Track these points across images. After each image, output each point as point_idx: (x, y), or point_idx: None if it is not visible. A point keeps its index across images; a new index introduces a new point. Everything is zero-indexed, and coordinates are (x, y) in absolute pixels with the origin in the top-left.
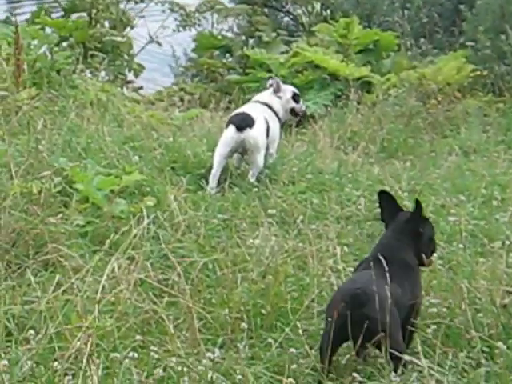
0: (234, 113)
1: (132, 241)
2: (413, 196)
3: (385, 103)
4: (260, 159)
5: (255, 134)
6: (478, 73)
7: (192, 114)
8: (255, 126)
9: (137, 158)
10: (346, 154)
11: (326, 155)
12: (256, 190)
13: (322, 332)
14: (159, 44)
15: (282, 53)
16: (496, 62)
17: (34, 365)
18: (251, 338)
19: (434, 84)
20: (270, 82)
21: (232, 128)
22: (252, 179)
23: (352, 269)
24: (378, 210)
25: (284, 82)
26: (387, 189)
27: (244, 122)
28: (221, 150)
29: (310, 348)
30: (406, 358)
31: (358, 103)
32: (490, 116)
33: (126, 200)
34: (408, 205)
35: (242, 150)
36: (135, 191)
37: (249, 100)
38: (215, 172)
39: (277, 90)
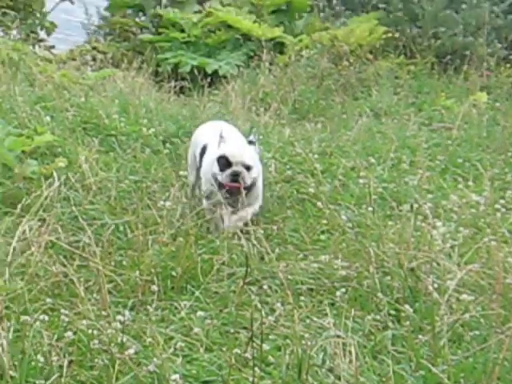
0: None
1: (43, 202)
2: (323, 158)
3: (297, 64)
4: None
5: None
6: (390, 35)
7: (104, 74)
8: None
9: (48, 118)
10: (257, 115)
11: (237, 116)
12: (167, 151)
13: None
14: (72, 2)
15: (196, 12)
16: (408, 24)
17: None
18: (161, 300)
19: (346, 45)
20: None
21: None
22: None
23: (262, 231)
24: (289, 173)
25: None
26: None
27: None
28: None
29: (220, 311)
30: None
31: (271, 64)
32: (401, 78)
33: (38, 161)
34: (318, 167)
35: None
36: (46, 152)
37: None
38: None
39: None
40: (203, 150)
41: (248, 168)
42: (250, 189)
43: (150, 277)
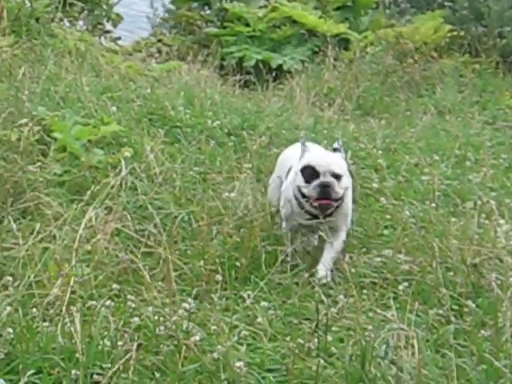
0: None
1: (109, 191)
2: (387, 154)
3: (362, 61)
4: None
5: None
6: (455, 33)
7: (170, 66)
8: None
9: (114, 108)
10: (321, 111)
11: (302, 111)
12: (232, 144)
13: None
14: None
15: (261, 7)
16: (473, 22)
17: (13, 310)
18: (225, 289)
19: (411, 43)
20: None
21: None
22: None
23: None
24: (353, 168)
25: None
26: (362, 146)
27: None
28: None
29: (283, 302)
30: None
31: (335, 60)
32: (465, 77)
33: (104, 150)
34: (382, 163)
35: None
36: (112, 142)
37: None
38: None
39: None
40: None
41: (338, 177)
42: (340, 202)
43: (215, 266)
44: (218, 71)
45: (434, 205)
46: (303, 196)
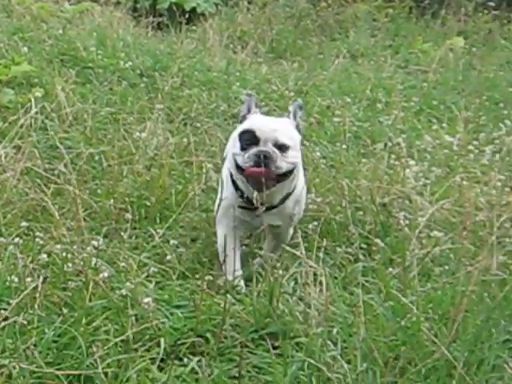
0: None
1: (19, 130)
2: (299, 96)
3: (275, 4)
4: None
5: None
6: None
7: (82, 8)
8: None
9: (26, 49)
10: (234, 53)
11: (214, 53)
12: (144, 85)
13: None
14: None
15: None
16: None
17: None
18: (135, 228)
19: None
20: None
21: None
22: None
23: None
24: (264, 109)
25: None
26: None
27: None
28: None
29: (192, 240)
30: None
31: (249, 3)
32: (378, 21)
33: (14, 90)
34: None
35: None
36: (23, 82)
37: None
38: None
39: None
40: None
41: (282, 148)
42: (282, 180)
43: (125, 205)
44: (131, 13)
45: (344, 146)
46: (237, 167)
